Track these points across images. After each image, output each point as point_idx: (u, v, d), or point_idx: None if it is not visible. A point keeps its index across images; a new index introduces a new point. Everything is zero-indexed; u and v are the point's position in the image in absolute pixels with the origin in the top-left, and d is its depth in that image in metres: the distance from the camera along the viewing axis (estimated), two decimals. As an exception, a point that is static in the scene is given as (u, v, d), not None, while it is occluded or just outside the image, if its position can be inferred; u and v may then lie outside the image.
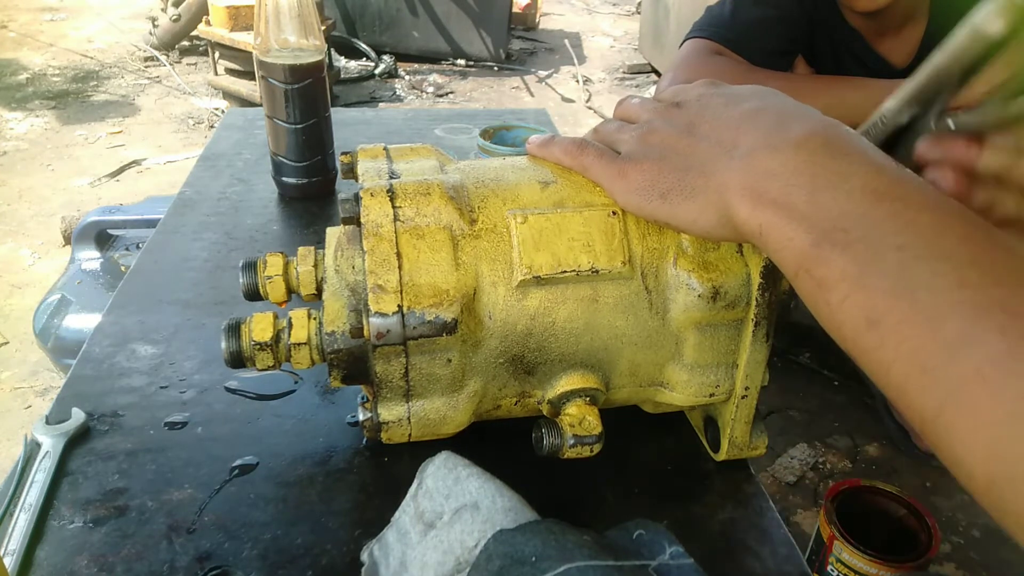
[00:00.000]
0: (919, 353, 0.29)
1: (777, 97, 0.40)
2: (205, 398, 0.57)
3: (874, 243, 0.31)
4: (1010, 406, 0.26)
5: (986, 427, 0.27)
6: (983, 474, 0.27)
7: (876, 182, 0.33)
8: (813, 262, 0.32)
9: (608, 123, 0.48)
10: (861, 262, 0.31)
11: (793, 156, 0.35)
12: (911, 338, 0.29)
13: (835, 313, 0.32)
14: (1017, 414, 0.26)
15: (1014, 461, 0.26)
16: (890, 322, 0.30)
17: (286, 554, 0.45)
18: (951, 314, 0.28)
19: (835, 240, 0.32)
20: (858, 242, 0.31)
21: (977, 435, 0.27)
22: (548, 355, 0.45)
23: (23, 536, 0.44)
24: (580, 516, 0.47)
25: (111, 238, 1.55)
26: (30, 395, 1.60)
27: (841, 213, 0.32)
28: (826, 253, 0.32)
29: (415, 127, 1.10)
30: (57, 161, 2.69)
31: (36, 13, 4.40)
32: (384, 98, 3.44)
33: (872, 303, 0.30)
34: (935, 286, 0.29)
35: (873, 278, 0.30)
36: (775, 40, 1.11)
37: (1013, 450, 0.26)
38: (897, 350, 0.29)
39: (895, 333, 0.29)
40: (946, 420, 0.28)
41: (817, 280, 0.32)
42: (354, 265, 0.45)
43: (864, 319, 0.31)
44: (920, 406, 0.29)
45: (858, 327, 0.31)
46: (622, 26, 4.83)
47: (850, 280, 0.31)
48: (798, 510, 1.32)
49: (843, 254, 0.31)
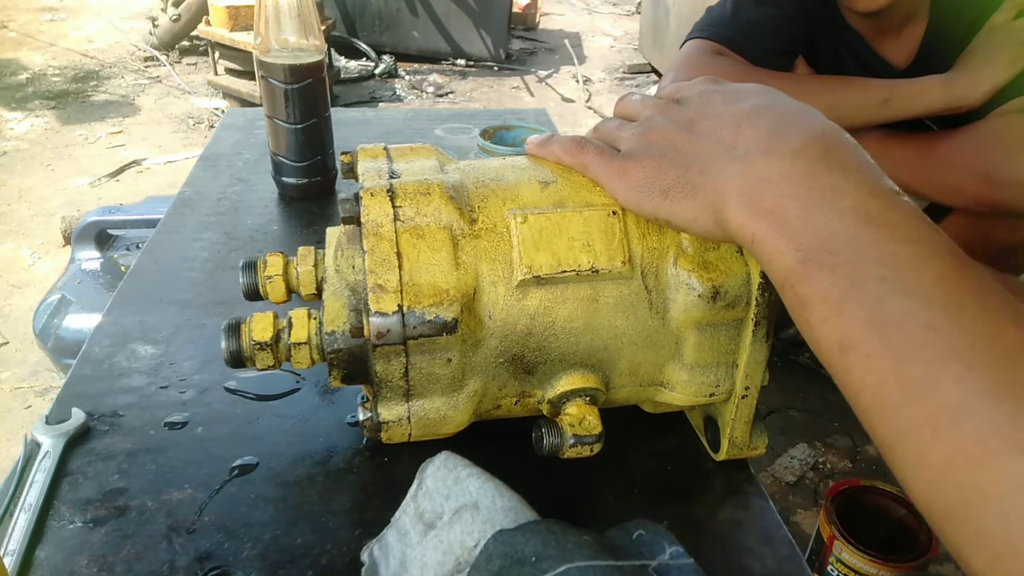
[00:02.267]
0: (883, 389, 0.30)
1: (778, 96, 0.40)
2: (205, 398, 0.57)
3: (857, 270, 0.32)
4: (951, 453, 0.28)
5: (929, 469, 0.29)
6: (924, 506, 0.30)
7: (868, 204, 0.33)
8: (799, 279, 0.34)
9: (608, 121, 0.48)
10: (843, 288, 0.32)
11: (790, 165, 0.35)
12: (876, 372, 0.31)
13: (814, 331, 0.33)
14: (956, 462, 0.28)
15: (949, 502, 0.28)
16: (860, 353, 0.31)
17: (286, 554, 0.45)
18: (915, 356, 0.30)
19: (822, 261, 0.33)
20: (843, 267, 0.32)
21: (921, 473, 0.29)
22: (548, 355, 0.45)
23: (23, 536, 0.44)
24: (580, 516, 0.47)
25: (111, 238, 1.55)
26: (30, 395, 1.60)
27: (831, 234, 0.33)
28: (812, 272, 0.33)
29: (415, 127, 1.10)
30: (57, 161, 2.69)
31: (36, 13, 4.40)
32: (384, 98, 3.44)
33: (847, 330, 0.32)
34: (905, 324, 0.30)
35: (851, 306, 0.32)
36: (776, 40, 1.11)
37: (948, 492, 0.28)
38: (863, 381, 0.31)
39: (863, 364, 0.31)
40: (897, 455, 0.30)
41: (800, 297, 0.34)
42: (354, 265, 0.45)
43: (838, 344, 0.32)
44: (879, 436, 0.31)
45: (832, 350, 0.32)
46: (622, 26, 4.83)
47: (831, 304, 0.32)
48: (798, 510, 1.32)
49: (827, 276, 0.32)
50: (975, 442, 0.28)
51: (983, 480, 0.27)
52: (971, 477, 0.28)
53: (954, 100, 0.97)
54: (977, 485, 0.27)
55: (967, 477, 0.28)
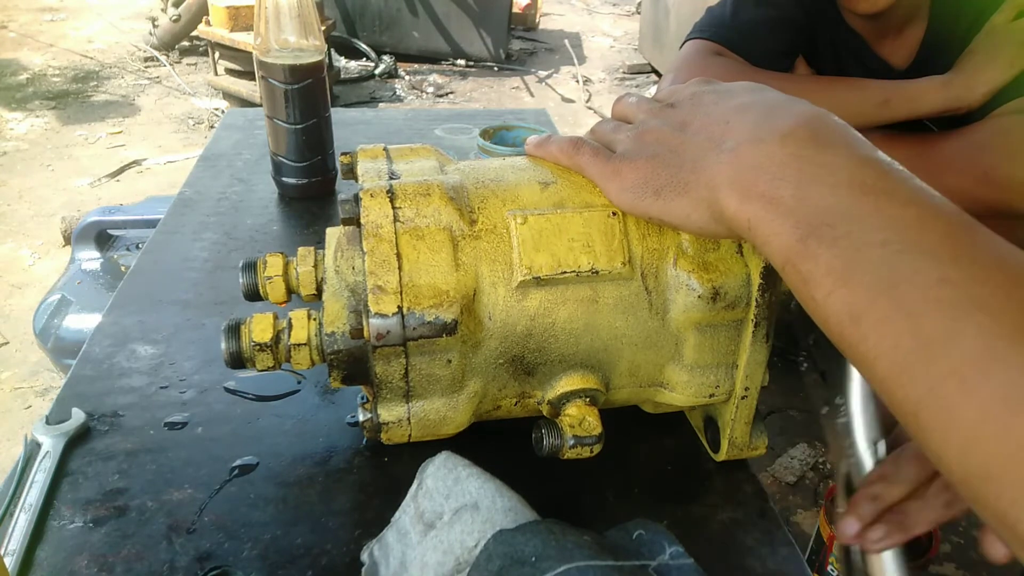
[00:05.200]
0: (899, 350, 0.29)
1: (767, 91, 0.41)
2: (205, 398, 0.57)
3: (858, 239, 0.31)
4: (984, 405, 0.26)
5: (961, 426, 0.27)
6: (959, 470, 0.28)
7: (862, 175, 0.33)
8: (799, 257, 0.33)
9: (604, 123, 0.48)
10: (845, 258, 0.31)
11: (780, 149, 0.35)
12: (892, 335, 0.29)
13: (820, 308, 0.32)
14: (991, 413, 0.26)
15: (987, 459, 0.26)
16: (872, 318, 0.30)
17: (286, 554, 0.45)
18: (931, 311, 0.28)
19: (821, 235, 0.32)
20: (843, 238, 0.31)
21: (952, 433, 0.27)
22: (548, 356, 0.45)
23: (23, 536, 0.44)
24: (580, 516, 0.47)
25: (111, 238, 1.55)
26: (30, 395, 1.60)
27: (827, 208, 0.32)
28: (812, 248, 0.32)
29: (415, 127, 1.10)
30: (57, 161, 2.69)
31: (36, 13, 4.40)
32: (384, 98, 3.44)
33: (855, 299, 0.31)
34: (916, 282, 0.29)
35: (857, 274, 0.31)
36: (776, 41, 1.11)
37: (986, 448, 0.26)
38: (879, 346, 0.30)
39: (876, 329, 0.30)
40: (924, 417, 0.28)
41: (803, 275, 0.33)
42: (354, 266, 0.45)
43: (848, 315, 0.31)
44: (900, 401, 0.29)
45: (842, 322, 0.31)
46: (622, 26, 4.83)
47: (835, 276, 0.31)
48: (798, 510, 1.32)
49: (828, 249, 0.32)
50: (1009, 388, 0.26)
51: (1023, 429, 0.25)
52: (1009, 427, 0.26)
53: (953, 101, 0.97)
54: (1017, 435, 0.26)
55: (1004, 428, 0.26)
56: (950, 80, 0.98)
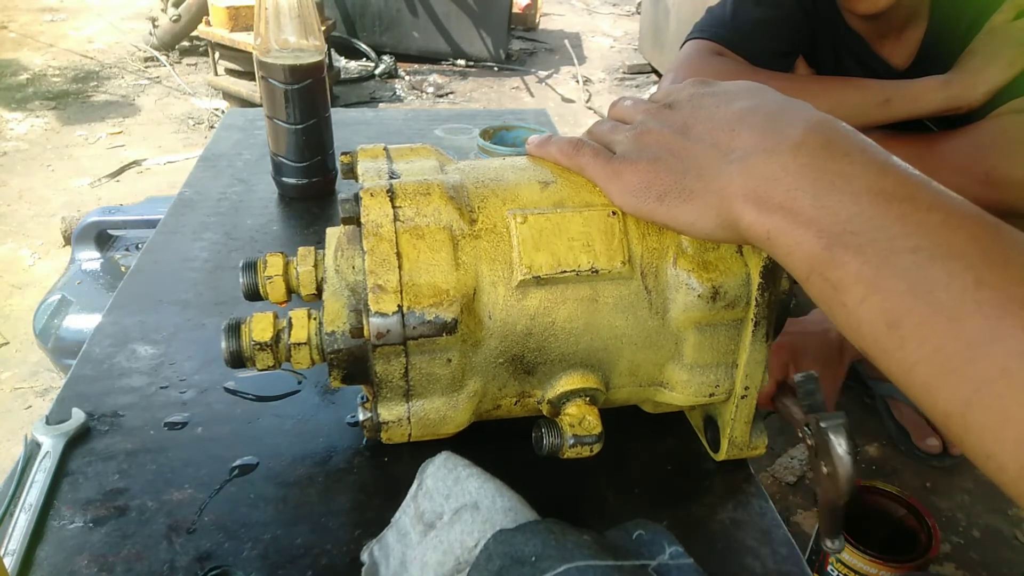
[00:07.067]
0: (942, 353, 0.29)
1: (767, 94, 0.40)
2: (205, 398, 0.57)
3: (886, 245, 0.31)
4: None
5: (1015, 421, 0.27)
6: (1014, 466, 0.28)
7: (882, 182, 0.33)
8: (826, 265, 0.33)
9: (602, 123, 0.48)
10: (876, 264, 0.31)
11: (793, 159, 0.35)
12: (933, 338, 0.29)
13: (852, 315, 0.32)
14: None
15: None
16: (910, 323, 0.30)
17: (286, 554, 0.45)
18: (972, 313, 0.28)
19: (847, 243, 0.32)
20: (870, 244, 0.31)
21: (1006, 430, 0.28)
22: (548, 355, 0.45)
23: (23, 536, 0.44)
24: (580, 516, 0.47)
25: (111, 238, 1.55)
26: (30, 395, 1.60)
27: (849, 216, 0.32)
28: (839, 256, 0.32)
29: (415, 127, 1.10)
30: (57, 161, 2.69)
31: (36, 13, 4.40)
32: (384, 98, 3.44)
33: (890, 305, 0.31)
34: (952, 286, 0.29)
35: (889, 280, 0.31)
36: (776, 41, 1.11)
37: None
38: (919, 351, 0.30)
39: (916, 334, 0.30)
40: (973, 417, 0.28)
41: (832, 283, 0.33)
42: (354, 265, 0.45)
43: (883, 321, 0.31)
44: (945, 404, 0.29)
45: (877, 329, 0.31)
46: (622, 26, 4.83)
47: (866, 282, 0.31)
48: (798, 510, 1.32)
49: (856, 256, 0.32)
50: None
51: None
52: None
53: (953, 101, 0.97)
54: None
55: None
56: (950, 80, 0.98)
